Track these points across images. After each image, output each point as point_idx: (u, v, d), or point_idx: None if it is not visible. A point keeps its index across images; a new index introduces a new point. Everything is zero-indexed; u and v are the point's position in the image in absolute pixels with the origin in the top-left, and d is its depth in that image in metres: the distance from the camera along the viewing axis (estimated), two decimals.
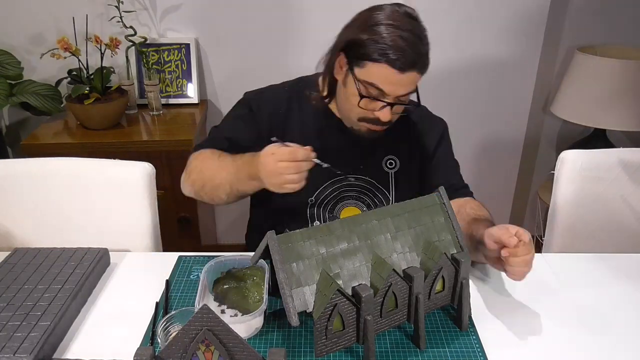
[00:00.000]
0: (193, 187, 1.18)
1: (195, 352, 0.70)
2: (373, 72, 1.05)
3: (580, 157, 1.28)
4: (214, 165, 1.14)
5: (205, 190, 1.16)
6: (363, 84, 1.07)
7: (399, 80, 1.05)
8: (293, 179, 1.01)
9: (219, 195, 1.14)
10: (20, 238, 1.24)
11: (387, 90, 1.06)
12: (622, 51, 2.08)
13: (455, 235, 0.93)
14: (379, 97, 1.08)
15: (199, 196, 1.18)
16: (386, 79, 1.05)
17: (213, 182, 1.13)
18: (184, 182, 1.20)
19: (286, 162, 1.00)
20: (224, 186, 1.12)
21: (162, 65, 2.09)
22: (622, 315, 0.98)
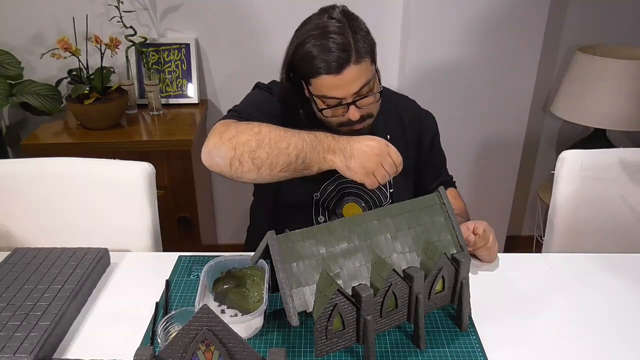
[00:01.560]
0: (235, 150, 1.00)
1: (195, 352, 0.70)
2: (318, 86, 1.07)
3: (580, 157, 1.28)
4: (278, 130, 1.02)
5: (258, 154, 1.00)
6: (319, 98, 1.09)
7: (342, 81, 1.05)
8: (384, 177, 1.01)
9: (276, 162, 1.00)
10: (20, 238, 1.24)
11: (339, 95, 1.07)
12: (622, 51, 2.08)
13: (455, 235, 0.93)
14: (339, 104, 1.09)
15: (239, 162, 1.01)
16: (330, 86, 1.06)
17: (277, 146, 1.00)
18: (217, 146, 1.02)
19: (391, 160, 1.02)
20: (289, 152, 1.00)
21: (162, 65, 2.09)
22: (622, 315, 0.98)
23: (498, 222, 2.33)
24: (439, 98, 2.05)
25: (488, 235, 1.11)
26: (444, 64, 2.01)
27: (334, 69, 1.03)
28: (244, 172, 1.02)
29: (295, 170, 1.02)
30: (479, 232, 1.12)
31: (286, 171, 1.02)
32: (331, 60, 1.03)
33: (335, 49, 1.03)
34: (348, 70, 1.04)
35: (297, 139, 1.01)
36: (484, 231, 1.11)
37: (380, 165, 1.01)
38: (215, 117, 2.24)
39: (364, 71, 1.07)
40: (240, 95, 1.28)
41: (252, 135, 1.01)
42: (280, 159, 1.00)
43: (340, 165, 1.01)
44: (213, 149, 1.03)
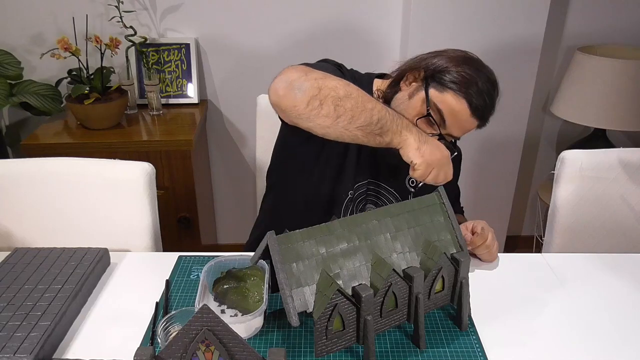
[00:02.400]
0: (321, 91, 0.95)
1: (195, 352, 0.70)
2: (448, 101, 1.08)
3: (580, 157, 1.28)
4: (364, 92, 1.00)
5: (343, 102, 0.96)
6: (436, 106, 1.10)
7: (464, 120, 1.10)
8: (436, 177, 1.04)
9: (358, 117, 0.96)
10: (20, 238, 1.24)
11: (449, 123, 1.10)
12: (622, 51, 2.08)
13: (455, 235, 0.93)
14: (437, 123, 1.11)
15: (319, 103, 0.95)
16: (455, 113, 1.09)
17: (364, 103, 0.97)
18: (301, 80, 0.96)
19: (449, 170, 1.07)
20: (372, 113, 0.97)
21: (162, 65, 2.09)
22: (622, 315, 0.98)
23: (498, 222, 2.33)
24: None
25: (486, 234, 1.11)
26: None
27: (474, 108, 1.09)
28: (319, 115, 0.96)
29: (370, 132, 0.99)
30: (477, 230, 1.13)
31: (362, 130, 0.98)
32: (480, 101, 1.08)
33: (488, 100, 1.10)
34: (473, 120, 1.11)
35: (382, 106, 1.00)
36: (482, 229, 1.12)
37: (441, 169, 1.04)
38: (215, 117, 2.24)
39: (470, 130, 1.15)
40: (240, 95, 1.28)
41: (341, 85, 0.97)
42: (362, 116, 0.97)
43: (413, 143, 1.01)
44: (296, 81, 0.96)
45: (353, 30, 2.11)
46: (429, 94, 1.10)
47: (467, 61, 1.11)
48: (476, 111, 1.09)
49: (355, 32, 2.11)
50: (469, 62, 1.11)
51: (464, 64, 1.10)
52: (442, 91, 1.09)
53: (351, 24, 2.09)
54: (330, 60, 1.23)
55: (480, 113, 1.10)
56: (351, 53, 2.13)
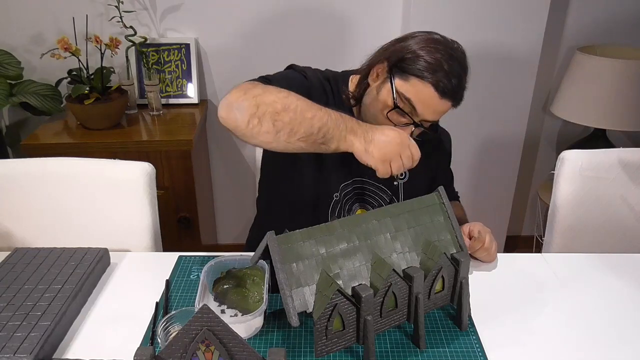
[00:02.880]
0: (259, 108, 0.96)
1: (195, 352, 0.70)
2: (415, 89, 1.06)
3: (580, 157, 1.28)
4: (306, 100, 0.99)
5: (281, 117, 0.96)
6: (400, 96, 1.08)
7: (435, 105, 1.07)
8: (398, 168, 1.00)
9: (297, 129, 0.97)
10: (20, 238, 1.24)
11: (420, 110, 1.07)
12: (622, 51, 2.08)
13: (455, 235, 0.93)
14: (409, 113, 1.08)
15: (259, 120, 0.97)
16: (424, 99, 1.06)
17: (302, 114, 0.96)
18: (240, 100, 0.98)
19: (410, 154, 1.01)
20: (312, 123, 0.96)
21: (162, 65, 2.09)
22: (622, 315, 0.98)
23: (498, 222, 2.33)
24: None
25: (484, 237, 1.11)
26: None
27: (443, 90, 1.05)
28: (260, 132, 0.97)
29: (314, 142, 0.98)
30: (474, 234, 1.12)
31: (304, 141, 0.98)
32: (446, 83, 1.04)
33: (454, 78, 1.05)
34: (444, 102, 1.07)
35: (323, 113, 0.98)
36: (479, 233, 1.11)
37: (398, 156, 1.00)
38: (216, 117, 2.23)
39: (445, 112, 1.10)
40: None
41: (279, 98, 0.97)
42: (302, 127, 0.97)
43: (359, 147, 0.99)
44: (235, 102, 0.98)
45: (353, 30, 2.10)
46: (395, 84, 1.08)
47: (429, 43, 1.07)
48: (445, 93, 1.05)
49: (355, 33, 2.11)
50: (431, 43, 1.07)
51: (426, 46, 1.06)
52: (406, 79, 1.07)
53: (351, 24, 2.09)
54: (296, 66, 1.22)
55: (450, 94, 1.06)
56: (351, 53, 2.13)
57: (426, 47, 1.06)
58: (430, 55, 1.05)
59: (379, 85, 1.12)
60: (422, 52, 1.06)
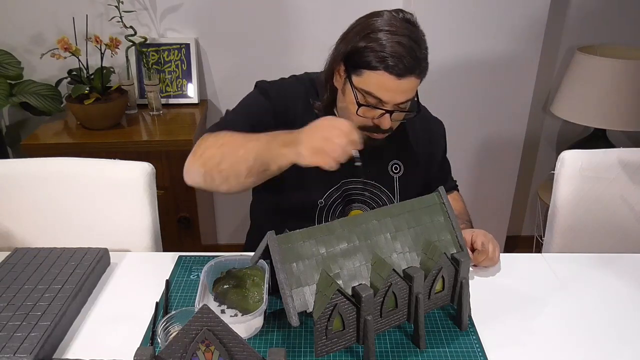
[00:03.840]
0: (205, 166, 1.04)
1: (195, 352, 0.70)
2: (370, 80, 1.03)
3: (580, 157, 1.28)
4: (238, 138, 1.03)
5: (222, 166, 1.02)
6: (361, 92, 1.06)
7: (397, 87, 1.03)
8: (334, 149, 0.90)
9: (239, 170, 1.00)
10: (20, 238, 1.24)
11: (385, 98, 1.04)
12: (622, 51, 2.08)
13: (455, 235, 0.93)
14: (377, 105, 1.06)
15: (210, 176, 1.04)
16: (384, 86, 1.03)
17: (236, 154, 1.00)
18: (191, 165, 1.07)
19: (339, 130, 0.92)
20: (247, 158, 0.99)
21: (162, 65, 2.09)
22: (622, 315, 0.98)
23: (498, 222, 2.33)
24: (439, 98, 2.05)
25: (487, 247, 1.09)
26: (444, 64, 2.01)
27: (398, 71, 1.01)
28: (217, 185, 1.05)
29: (258, 173, 1.00)
30: (477, 246, 1.10)
31: (251, 176, 1.01)
32: (399, 62, 1.00)
33: (407, 54, 1.00)
34: (407, 80, 1.03)
35: (254, 143, 0.99)
36: (482, 244, 1.09)
37: (327, 140, 0.91)
38: (215, 117, 2.23)
39: (415, 87, 1.07)
40: (240, 95, 1.28)
41: (216, 149, 1.03)
42: (241, 167, 1.00)
43: (292, 156, 0.94)
44: (189, 167, 1.08)
45: None
46: (353, 82, 1.06)
47: (371, 28, 1.03)
48: (401, 73, 1.01)
49: None
50: (373, 28, 1.03)
51: (369, 33, 1.02)
52: (360, 74, 1.04)
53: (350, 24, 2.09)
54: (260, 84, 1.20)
55: (407, 70, 1.01)
56: None
57: (371, 33, 1.02)
58: (377, 40, 1.01)
59: (342, 87, 1.11)
60: (367, 40, 1.02)
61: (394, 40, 1.01)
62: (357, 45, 1.04)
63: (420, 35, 1.05)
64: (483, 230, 1.14)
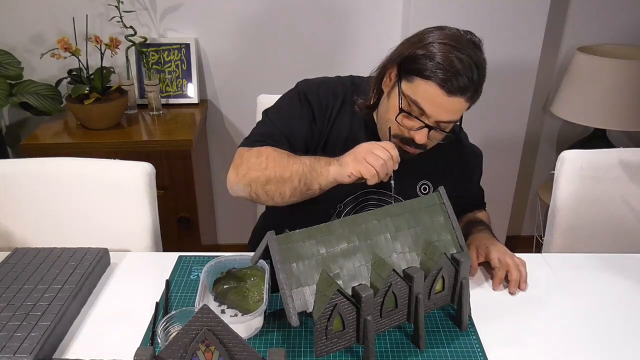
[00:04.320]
0: (250, 187, 1.09)
1: (195, 352, 0.70)
2: (419, 89, 1.02)
3: (580, 157, 1.28)
4: (282, 160, 1.07)
5: (267, 187, 1.08)
6: (407, 99, 1.04)
7: (444, 103, 1.01)
8: (376, 159, 0.99)
9: (283, 191, 1.07)
10: (20, 238, 1.24)
11: (429, 111, 1.03)
12: (622, 51, 2.08)
13: (455, 235, 0.93)
14: (418, 117, 1.04)
15: (256, 195, 1.10)
16: (431, 99, 1.01)
17: (282, 175, 1.06)
18: (235, 183, 1.12)
19: (381, 147, 1.01)
20: (292, 179, 1.05)
21: (162, 65, 2.09)
22: (622, 315, 0.98)
23: (498, 222, 2.33)
24: None
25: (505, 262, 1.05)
26: None
27: (449, 87, 0.99)
28: (263, 201, 1.12)
29: (302, 193, 1.07)
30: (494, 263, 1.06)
31: (295, 196, 1.08)
32: (453, 78, 0.98)
33: (463, 72, 0.98)
34: (457, 100, 1.01)
35: (298, 165, 1.06)
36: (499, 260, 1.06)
37: (371, 152, 1.00)
38: (215, 117, 2.24)
39: (462, 109, 1.05)
40: (240, 95, 1.28)
41: (260, 172, 1.08)
42: (286, 188, 1.07)
43: (335, 169, 1.03)
44: (234, 186, 1.13)
45: (353, 31, 2.10)
46: (402, 87, 1.05)
47: (438, 38, 1.02)
48: (452, 91, 0.99)
49: (355, 33, 2.11)
50: (440, 38, 1.01)
51: (433, 43, 1.01)
52: (411, 81, 1.03)
53: (351, 24, 2.09)
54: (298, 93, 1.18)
55: (460, 90, 1.00)
56: (351, 53, 2.13)
57: (432, 43, 1.01)
58: (436, 52, 1.00)
59: (389, 91, 1.09)
60: (428, 49, 1.01)
61: (451, 55, 0.99)
62: (416, 51, 1.02)
63: (482, 60, 1.03)
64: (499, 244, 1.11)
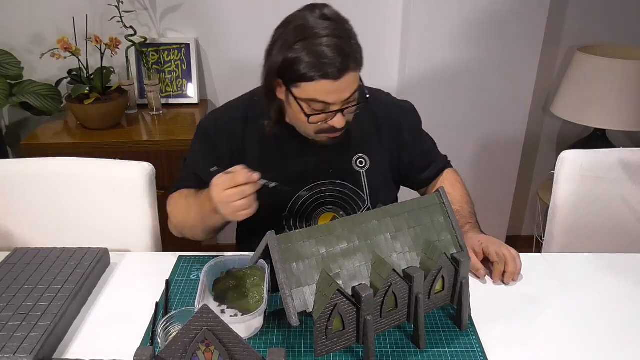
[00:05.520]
0: (177, 229, 1.20)
1: (195, 352, 0.70)
2: (310, 90, 1.02)
3: (580, 157, 1.28)
4: (183, 208, 1.16)
5: (186, 232, 1.18)
6: (305, 102, 1.05)
7: (338, 87, 1.02)
8: (242, 205, 0.96)
9: (197, 234, 1.17)
10: (20, 238, 1.24)
11: (331, 101, 1.03)
12: (622, 51, 2.08)
13: (455, 235, 0.93)
14: (325, 110, 1.05)
15: (185, 235, 1.20)
16: (325, 91, 1.02)
17: (187, 223, 1.15)
18: (170, 226, 1.21)
19: (230, 189, 0.96)
20: (196, 226, 1.13)
21: (162, 65, 2.09)
22: (622, 315, 0.98)
23: (498, 222, 2.33)
24: (439, 98, 2.05)
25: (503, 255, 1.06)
26: (444, 65, 2.01)
27: (334, 74, 0.99)
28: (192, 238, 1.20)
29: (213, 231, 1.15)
30: (493, 257, 1.07)
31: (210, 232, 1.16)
32: (331, 65, 0.99)
33: (337, 54, 0.99)
34: (345, 78, 1.01)
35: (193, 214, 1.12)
36: (497, 254, 1.07)
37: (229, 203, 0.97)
38: None
39: (356, 79, 1.05)
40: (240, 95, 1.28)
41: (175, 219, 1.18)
42: (196, 232, 1.16)
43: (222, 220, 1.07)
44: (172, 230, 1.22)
45: None
46: (295, 95, 1.05)
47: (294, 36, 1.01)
48: (337, 75, 0.99)
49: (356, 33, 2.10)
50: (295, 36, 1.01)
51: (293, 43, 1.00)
52: (299, 86, 1.03)
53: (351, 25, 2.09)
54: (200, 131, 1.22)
55: (343, 69, 1.00)
56: None
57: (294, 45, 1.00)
58: (302, 51, 0.99)
59: (287, 99, 1.09)
60: (294, 53, 1.00)
61: (320, 45, 0.99)
62: (286, 58, 1.02)
63: (343, 28, 1.03)
64: (490, 237, 1.12)
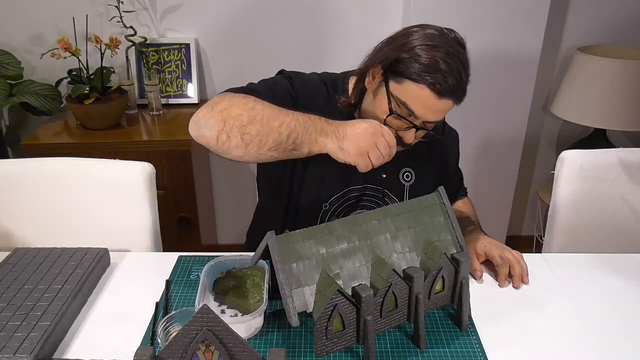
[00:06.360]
0: (225, 123, 0.95)
1: (195, 352, 0.70)
2: (409, 92, 1.01)
3: (580, 157, 1.28)
4: (273, 108, 0.98)
5: (247, 129, 0.95)
6: (396, 100, 1.04)
7: (434, 105, 1.02)
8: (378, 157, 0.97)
9: (266, 140, 0.96)
10: (20, 238, 1.24)
11: (419, 113, 1.03)
12: (622, 51, 2.08)
13: (455, 235, 0.93)
14: (407, 118, 1.04)
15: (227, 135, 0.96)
16: (421, 102, 1.01)
17: (268, 124, 0.95)
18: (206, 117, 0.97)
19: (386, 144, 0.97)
20: (280, 131, 0.95)
21: (162, 65, 2.09)
22: (622, 315, 0.98)
23: (498, 222, 2.33)
24: None
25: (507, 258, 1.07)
26: None
27: (440, 90, 0.99)
28: (230, 147, 0.97)
29: (285, 150, 0.97)
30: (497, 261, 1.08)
31: (275, 150, 0.97)
32: (442, 82, 0.99)
33: (451, 76, 0.99)
34: (445, 102, 1.02)
35: (291, 119, 0.96)
36: (500, 257, 1.07)
37: (374, 146, 0.96)
38: None
39: (448, 110, 1.06)
40: None
41: (245, 110, 0.96)
42: (270, 137, 0.95)
43: (333, 147, 0.97)
44: (202, 120, 0.98)
45: (353, 30, 2.10)
46: (390, 88, 1.03)
47: (424, 40, 1.01)
48: (442, 93, 1.00)
49: (355, 33, 2.11)
50: (426, 40, 1.01)
51: (420, 45, 1.00)
52: (401, 82, 1.02)
53: (351, 24, 2.09)
54: (285, 72, 1.18)
55: (449, 92, 1.00)
56: (351, 54, 2.13)
57: (420, 45, 1.01)
58: (425, 53, 0.99)
59: (375, 90, 1.08)
60: (416, 51, 1.00)
61: (446, 59, 0.99)
62: (405, 53, 1.01)
63: (466, 59, 1.04)
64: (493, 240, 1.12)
